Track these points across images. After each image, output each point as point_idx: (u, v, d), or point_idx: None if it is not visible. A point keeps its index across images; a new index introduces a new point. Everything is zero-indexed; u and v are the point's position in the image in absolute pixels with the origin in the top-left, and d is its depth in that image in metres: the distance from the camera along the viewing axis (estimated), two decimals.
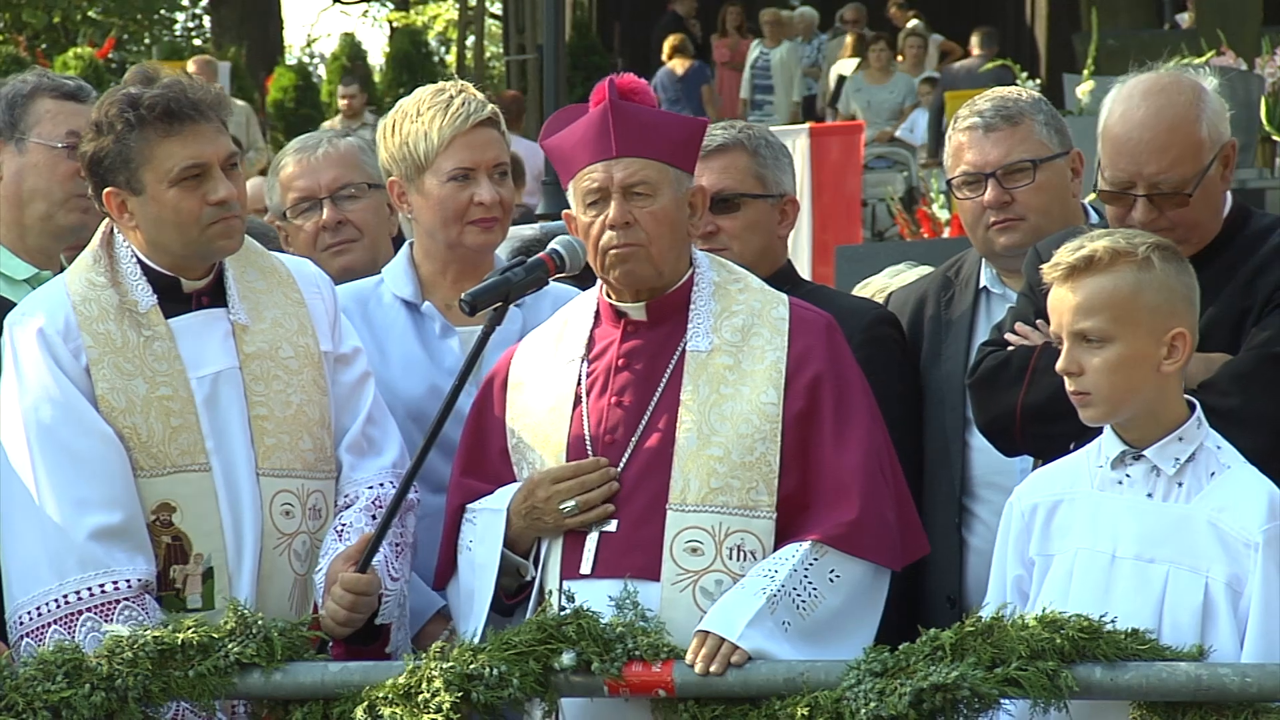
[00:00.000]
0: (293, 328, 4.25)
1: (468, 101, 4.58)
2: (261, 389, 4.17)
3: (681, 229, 4.09)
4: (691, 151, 4.14)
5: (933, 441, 4.62)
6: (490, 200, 4.56)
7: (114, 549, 3.98)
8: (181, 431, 4.09)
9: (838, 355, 4.05)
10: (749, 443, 3.95)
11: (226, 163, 4.12)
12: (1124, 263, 3.74)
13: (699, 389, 4.01)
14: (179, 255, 4.16)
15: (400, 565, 4.12)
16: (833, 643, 3.85)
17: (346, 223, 5.11)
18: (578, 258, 4.12)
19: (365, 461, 4.27)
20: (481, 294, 4.06)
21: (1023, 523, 3.90)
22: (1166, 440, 3.76)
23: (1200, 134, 4.06)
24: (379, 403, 4.34)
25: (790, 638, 3.81)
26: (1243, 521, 3.67)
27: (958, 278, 4.78)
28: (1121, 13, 19.15)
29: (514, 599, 4.09)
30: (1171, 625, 3.68)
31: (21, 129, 4.73)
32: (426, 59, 28.30)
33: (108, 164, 4.10)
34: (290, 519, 4.15)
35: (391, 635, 4.11)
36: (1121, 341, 3.73)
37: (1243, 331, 4.02)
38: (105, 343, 4.09)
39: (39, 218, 4.75)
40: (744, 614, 3.79)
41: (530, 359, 4.20)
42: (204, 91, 4.12)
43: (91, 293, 4.14)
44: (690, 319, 4.08)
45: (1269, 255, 4.09)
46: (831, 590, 3.87)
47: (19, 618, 3.98)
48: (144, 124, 4.06)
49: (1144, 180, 4.05)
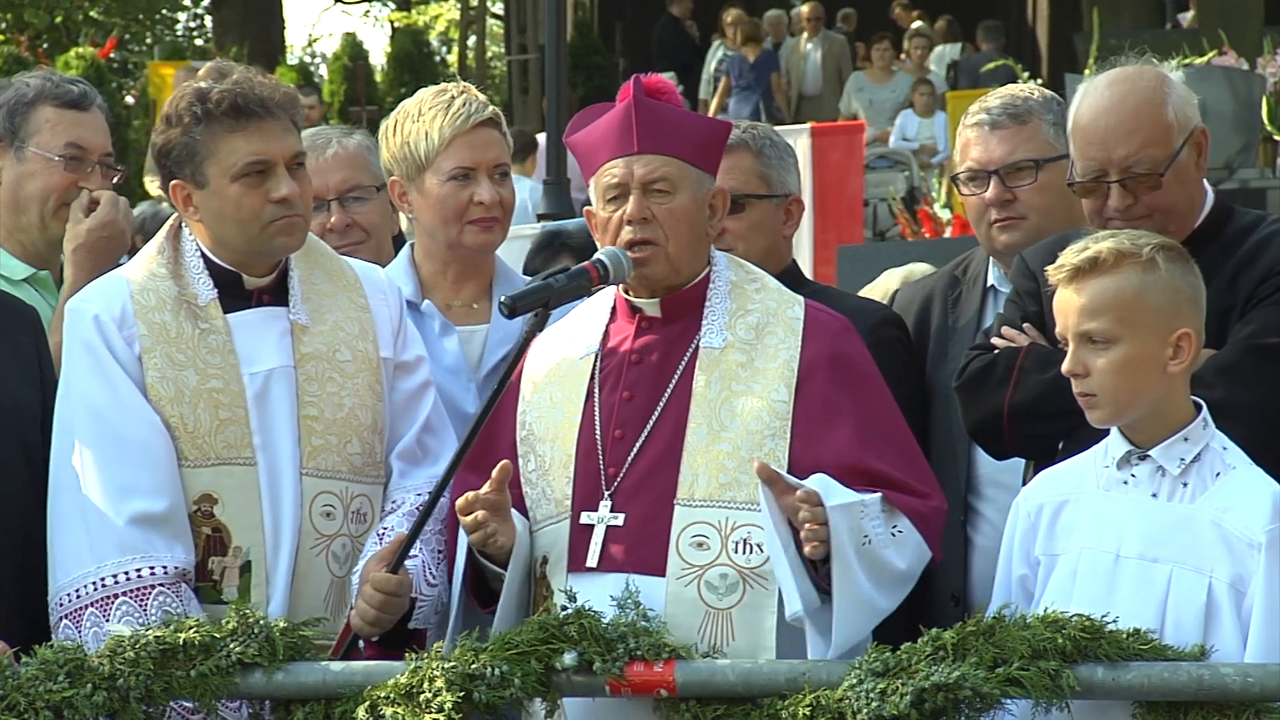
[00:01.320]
0: (354, 331, 4.27)
1: (469, 102, 4.60)
2: (314, 389, 4.18)
3: (700, 229, 4.09)
4: (714, 153, 4.14)
5: (939, 442, 4.62)
6: (490, 200, 4.58)
7: (153, 535, 4.01)
8: (229, 425, 4.11)
9: (853, 355, 4.05)
10: (758, 439, 3.95)
11: (292, 161, 4.16)
12: (1129, 264, 3.74)
13: (710, 385, 4.02)
14: (240, 251, 4.19)
15: (439, 572, 4.11)
16: (884, 601, 3.85)
17: (354, 225, 5.13)
18: (622, 269, 4.07)
19: (418, 469, 4.27)
20: (522, 298, 4.05)
21: (1029, 522, 3.91)
22: (1172, 440, 3.76)
23: (1167, 116, 4.09)
24: (439, 412, 4.35)
25: (859, 553, 3.79)
26: (1246, 522, 3.67)
27: (965, 276, 4.79)
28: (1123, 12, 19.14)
29: (489, 606, 4.06)
30: (1174, 625, 3.68)
31: (22, 136, 4.76)
32: (428, 59, 28.25)
33: (175, 156, 4.14)
34: (331, 520, 4.16)
35: (427, 643, 4.02)
36: (1127, 342, 3.73)
37: (1227, 327, 4.02)
38: (159, 332, 4.12)
39: (34, 225, 4.79)
40: (841, 497, 3.80)
41: (545, 353, 4.20)
42: (273, 89, 4.16)
43: (151, 283, 4.18)
44: (705, 316, 4.08)
45: (1251, 251, 4.09)
46: (894, 544, 3.86)
47: (59, 599, 4.02)
48: (211, 118, 4.10)
49: (1115, 166, 4.07)
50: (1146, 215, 4.05)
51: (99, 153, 4.83)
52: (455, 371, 4.58)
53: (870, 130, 17.62)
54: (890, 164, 17.95)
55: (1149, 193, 4.06)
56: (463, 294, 4.68)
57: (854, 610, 3.80)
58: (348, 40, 26.82)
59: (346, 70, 25.29)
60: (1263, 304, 4.01)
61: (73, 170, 4.77)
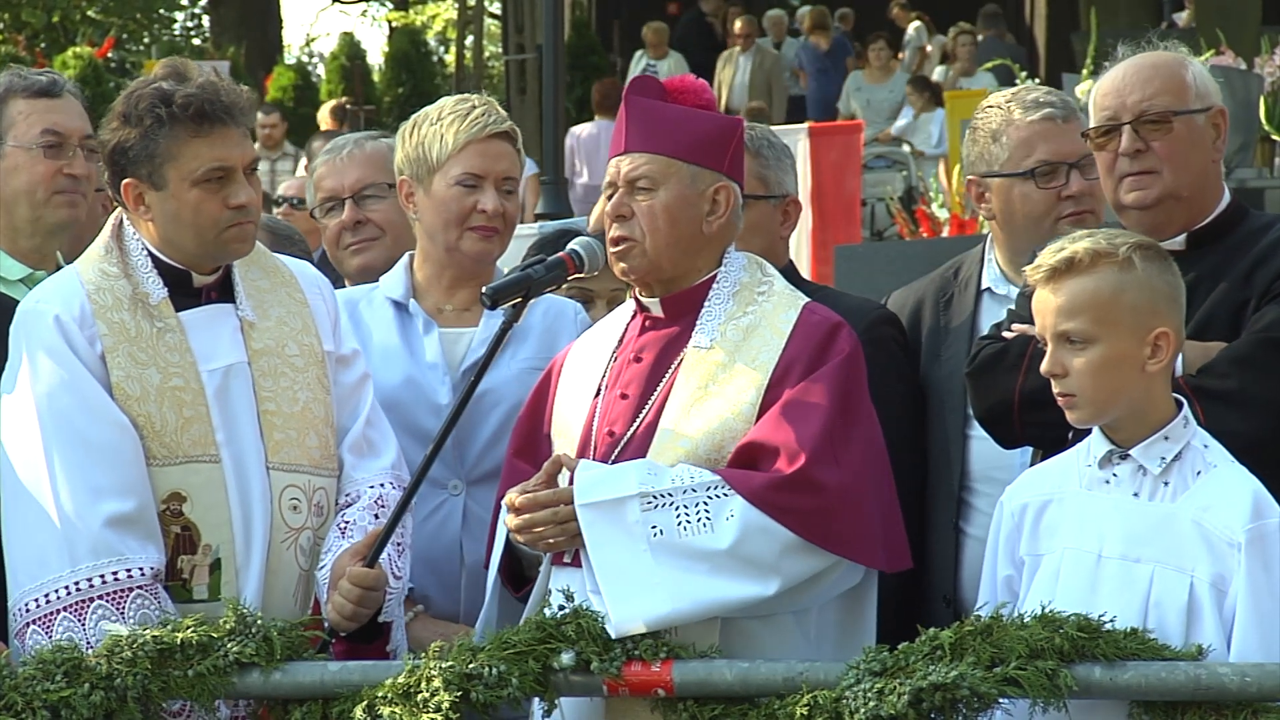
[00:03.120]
0: (297, 326, 4.28)
1: (488, 113, 4.66)
2: (270, 384, 4.19)
3: (688, 225, 4.08)
4: (718, 149, 4.10)
5: (934, 443, 4.62)
6: (493, 210, 4.61)
7: (126, 537, 3.99)
8: (193, 422, 4.10)
9: (824, 354, 3.98)
10: (717, 439, 3.94)
11: (249, 168, 4.15)
12: (1105, 263, 3.74)
13: (688, 384, 4.02)
14: (191, 253, 4.19)
15: (402, 564, 4.15)
16: (705, 580, 3.79)
17: (367, 222, 5.23)
18: (596, 258, 4.17)
19: (366, 462, 4.30)
20: (502, 289, 4.10)
21: (1013, 522, 3.91)
22: (1152, 439, 3.76)
23: (1186, 77, 4.17)
24: (376, 406, 4.38)
25: (653, 545, 3.79)
26: (1226, 521, 3.67)
27: (956, 279, 4.78)
28: (1121, 12, 19.15)
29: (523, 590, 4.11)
30: (1157, 625, 3.67)
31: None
32: (425, 59, 28.23)
33: (131, 155, 4.11)
34: (298, 514, 4.17)
35: (392, 634, 4.12)
36: (1104, 342, 3.73)
37: (1241, 322, 4.04)
38: (120, 331, 4.11)
39: (26, 220, 4.77)
40: (606, 490, 3.84)
41: (580, 350, 4.26)
42: (236, 95, 4.15)
43: (105, 282, 4.16)
44: (700, 316, 4.09)
45: (1268, 248, 4.12)
46: (724, 528, 3.82)
47: (24, 605, 3.98)
48: (175, 121, 4.08)
49: (1129, 110, 4.14)
50: (1153, 172, 4.07)
51: (78, 136, 4.79)
52: (433, 367, 4.61)
53: (868, 130, 17.62)
54: (888, 164, 17.94)
55: (1161, 138, 4.10)
56: (455, 299, 4.70)
57: (642, 592, 3.76)
58: (345, 40, 26.84)
59: (344, 70, 25.30)
60: (1278, 298, 4.03)
61: (54, 157, 4.75)
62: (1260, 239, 4.14)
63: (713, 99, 4.18)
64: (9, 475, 4.05)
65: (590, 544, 3.84)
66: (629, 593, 3.77)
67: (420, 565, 4.39)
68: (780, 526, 3.81)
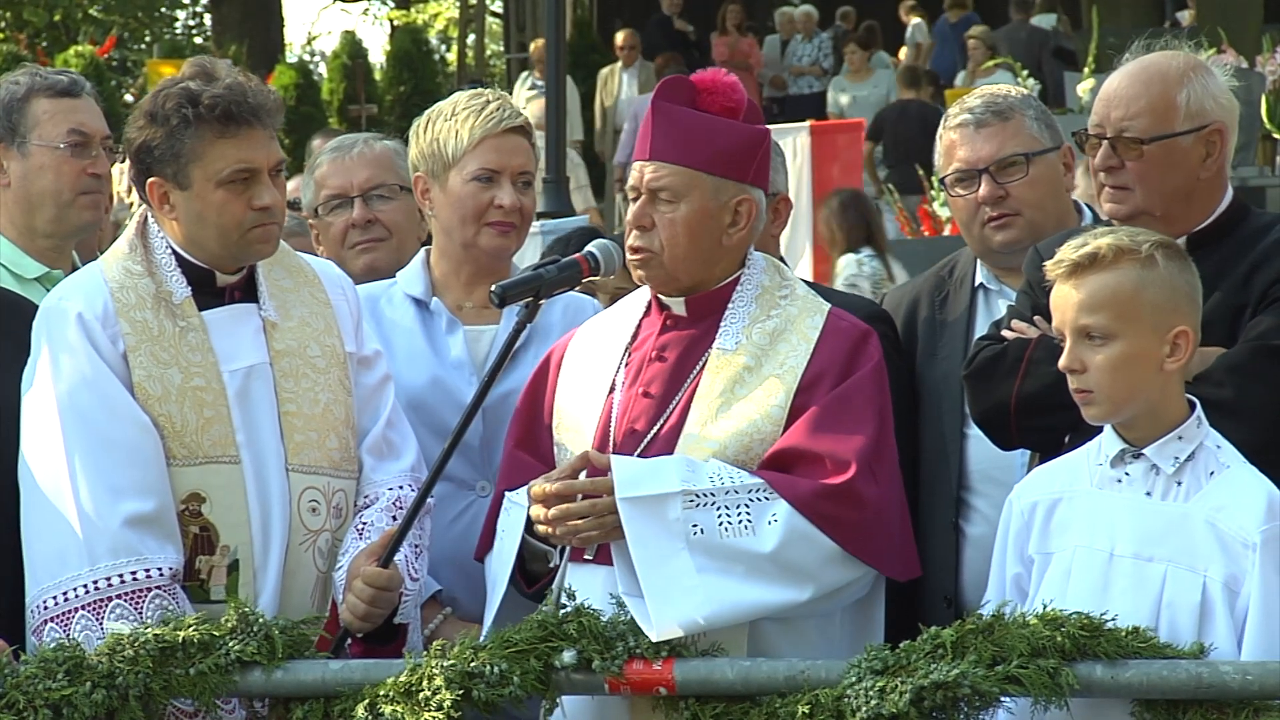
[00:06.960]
0: (319, 327, 4.27)
1: (503, 108, 4.63)
2: (291, 386, 4.19)
3: (709, 238, 4.06)
4: (743, 160, 4.08)
5: (930, 442, 4.62)
6: (510, 205, 4.59)
7: (146, 537, 3.99)
8: (214, 423, 4.10)
9: (854, 362, 4.01)
10: (746, 441, 3.95)
11: (274, 169, 4.14)
12: (1127, 260, 3.73)
13: (714, 386, 4.02)
14: (214, 253, 4.18)
15: (420, 566, 4.15)
16: (742, 585, 3.78)
17: (376, 222, 5.18)
18: (613, 261, 4.15)
19: (385, 464, 4.29)
20: (512, 287, 4.09)
21: (1022, 520, 3.90)
22: (1166, 439, 3.75)
23: (1176, 98, 4.10)
24: (397, 407, 4.37)
25: (690, 544, 3.79)
26: (1241, 521, 3.67)
27: (951, 277, 4.79)
28: (1122, 10, 19.16)
29: (535, 586, 4.08)
30: (1169, 624, 3.67)
31: (22, 132, 4.74)
32: (427, 57, 28.20)
33: (157, 154, 4.11)
34: (316, 516, 4.17)
35: (408, 635, 4.11)
36: (1124, 339, 3.72)
37: (1239, 326, 4.02)
38: (143, 330, 4.10)
39: (50, 220, 4.77)
40: (649, 485, 3.81)
41: (584, 342, 4.24)
42: (263, 96, 4.13)
43: (129, 280, 4.15)
44: (724, 319, 4.09)
45: (1267, 251, 4.09)
46: (767, 532, 3.82)
47: (42, 603, 3.98)
48: (201, 121, 4.06)
49: (1110, 125, 4.12)
50: (1127, 188, 4.07)
51: (100, 136, 4.82)
52: (459, 366, 4.59)
53: None
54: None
55: (1133, 160, 4.08)
56: (475, 296, 4.67)
57: (681, 594, 3.75)
58: (347, 38, 26.81)
59: (346, 69, 25.25)
60: (1276, 305, 4.01)
61: (79, 156, 4.76)
62: (1260, 240, 4.12)
63: (743, 99, 4.11)
64: (29, 473, 4.04)
65: (631, 540, 3.80)
66: (668, 594, 3.76)
67: (448, 567, 4.37)
68: (824, 535, 3.84)
